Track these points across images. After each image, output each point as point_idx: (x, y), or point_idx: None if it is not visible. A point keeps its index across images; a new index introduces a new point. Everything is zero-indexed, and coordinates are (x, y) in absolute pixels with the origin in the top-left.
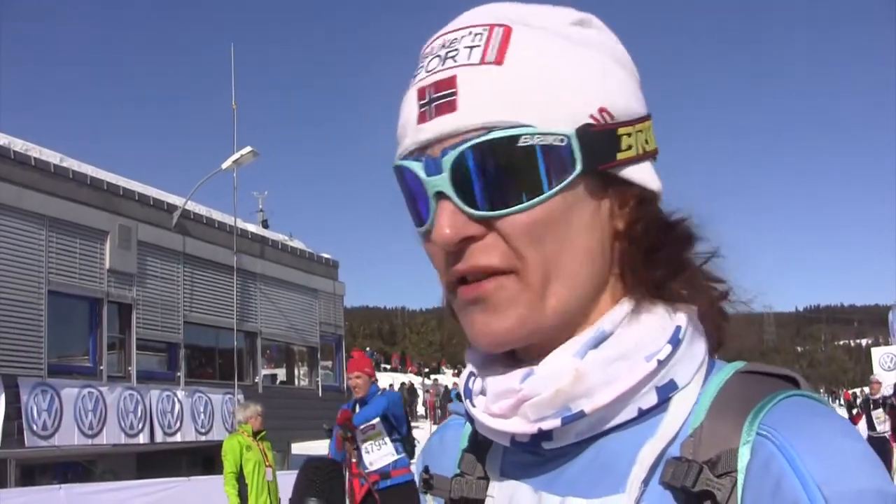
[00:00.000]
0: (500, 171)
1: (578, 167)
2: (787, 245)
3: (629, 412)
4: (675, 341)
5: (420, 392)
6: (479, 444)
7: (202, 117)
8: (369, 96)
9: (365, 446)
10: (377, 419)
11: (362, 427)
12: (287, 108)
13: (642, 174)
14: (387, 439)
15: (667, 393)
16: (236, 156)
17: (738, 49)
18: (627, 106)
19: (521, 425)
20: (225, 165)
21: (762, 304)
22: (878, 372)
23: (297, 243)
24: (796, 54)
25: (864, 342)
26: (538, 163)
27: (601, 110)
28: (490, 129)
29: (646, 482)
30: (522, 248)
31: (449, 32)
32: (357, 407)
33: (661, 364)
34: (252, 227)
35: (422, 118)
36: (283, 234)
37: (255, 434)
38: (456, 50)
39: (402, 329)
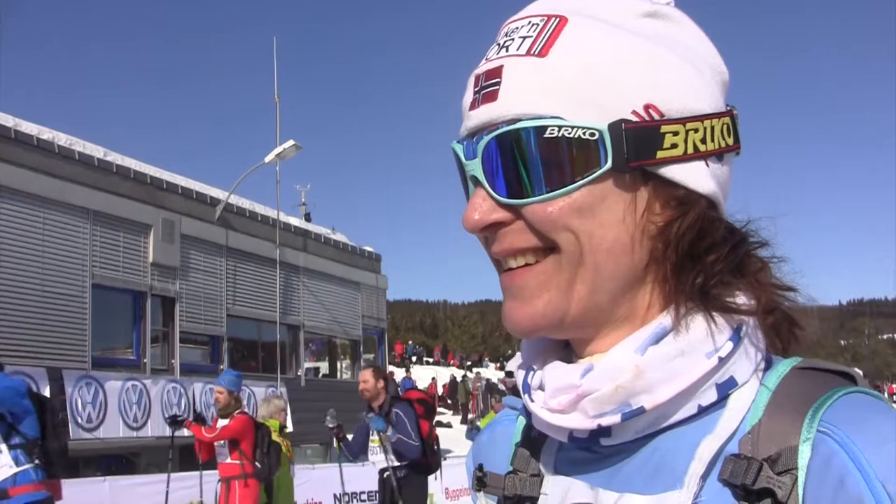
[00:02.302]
0: (525, 160)
1: (608, 163)
2: (829, 237)
3: (689, 409)
4: (736, 338)
5: (471, 384)
6: (533, 440)
7: (245, 111)
8: (413, 89)
9: None
10: None
11: None
12: (330, 101)
13: (688, 174)
14: (2, 446)
15: (726, 390)
16: (279, 149)
17: (772, 29)
18: (683, 103)
19: (580, 421)
20: (268, 159)
21: (805, 297)
22: None
23: (339, 236)
24: (836, 37)
25: None
26: (563, 155)
27: (647, 107)
28: (519, 120)
29: (704, 478)
30: (550, 234)
31: (514, 21)
32: None
33: (723, 361)
34: (295, 221)
35: (472, 105)
36: (325, 227)
37: (279, 429)
38: (512, 39)
39: (444, 322)
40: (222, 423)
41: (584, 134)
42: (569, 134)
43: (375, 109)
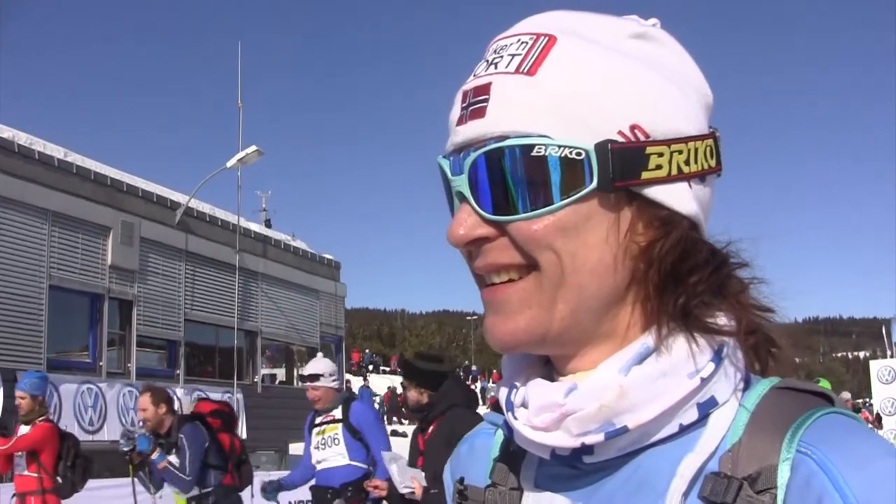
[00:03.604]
0: (511, 178)
1: (593, 183)
2: (786, 255)
3: (671, 428)
4: (717, 359)
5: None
6: (512, 455)
7: (208, 115)
8: (375, 99)
9: None
10: None
11: None
12: (293, 107)
13: (671, 195)
14: None
15: (707, 409)
16: (241, 154)
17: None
18: (668, 125)
19: (563, 439)
20: (230, 164)
21: (781, 317)
22: (876, 385)
23: (299, 243)
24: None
25: (861, 354)
26: (549, 174)
27: (633, 127)
28: (507, 138)
29: (685, 496)
30: (533, 253)
31: (503, 38)
32: None
33: (704, 381)
34: (255, 227)
35: (460, 121)
36: (285, 233)
37: None
38: (501, 57)
39: (401, 331)
40: (24, 430)
41: (570, 153)
42: (556, 153)
43: (339, 118)
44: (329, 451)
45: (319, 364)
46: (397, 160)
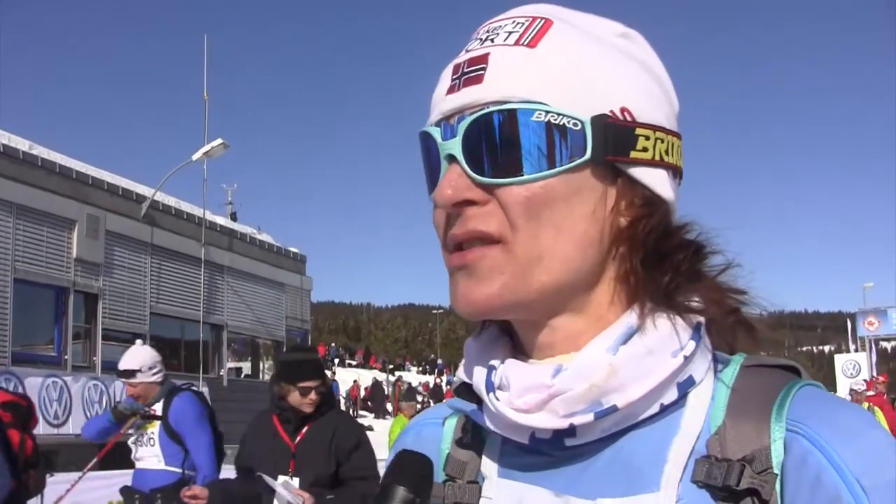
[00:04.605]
0: (508, 141)
1: (588, 153)
2: (751, 249)
3: (653, 409)
4: (697, 337)
5: (386, 388)
6: (467, 445)
7: (173, 107)
8: (343, 92)
9: None
10: None
11: None
12: (259, 101)
13: (654, 178)
14: None
15: (685, 388)
16: (207, 148)
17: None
18: (652, 114)
19: (548, 420)
20: (195, 157)
21: (755, 303)
22: (840, 379)
23: (265, 237)
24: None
25: (826, 349)
26: (546, 140)
27: (623, 110)
28: (507, 102)
29: (679, 482)
30: (518, 220)
31: (496, 21)
32: None
33: (687, 360)
34: (221, 220)
35: (451, 90)
36: (251, 227)
37: None
38: (497, 34)
39: (367, 325)
40: None
41: (568, 122)
42: (555, 120)
43: (305, 112)
44: (145, 450)
45: (136, 357)
46: (363, 154)
